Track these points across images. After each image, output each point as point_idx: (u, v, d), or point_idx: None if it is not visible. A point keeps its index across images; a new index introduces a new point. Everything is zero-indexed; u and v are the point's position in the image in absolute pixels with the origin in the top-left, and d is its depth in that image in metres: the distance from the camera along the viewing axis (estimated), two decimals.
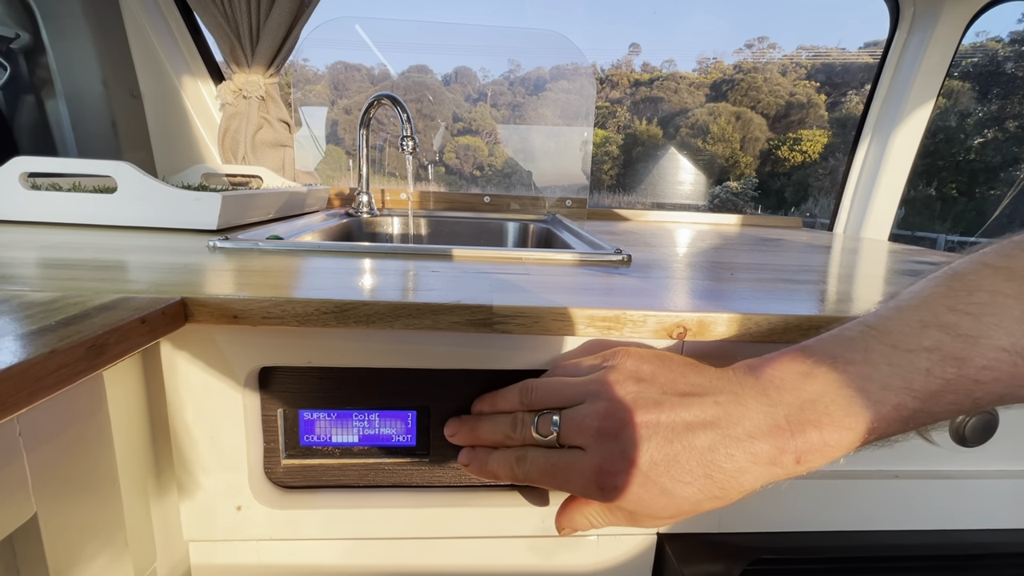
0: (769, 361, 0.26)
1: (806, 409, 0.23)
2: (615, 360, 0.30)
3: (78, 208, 0.62)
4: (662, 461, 0.25)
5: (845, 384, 0.23)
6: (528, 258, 0.52)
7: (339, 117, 1.27)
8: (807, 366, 0.24)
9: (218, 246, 0.50)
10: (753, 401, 0.25)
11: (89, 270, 0.39)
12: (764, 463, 0.24)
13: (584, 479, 0.27)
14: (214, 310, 0.32)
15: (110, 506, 0.31)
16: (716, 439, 0.24)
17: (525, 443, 0.30)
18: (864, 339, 0.24)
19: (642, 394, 0.27)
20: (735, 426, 0.24)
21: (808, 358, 0.25)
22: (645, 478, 0.25)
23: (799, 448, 0.23)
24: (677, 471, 0.25)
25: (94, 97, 0.95)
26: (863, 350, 0.23)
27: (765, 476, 0.24)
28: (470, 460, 0.34)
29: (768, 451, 0.24)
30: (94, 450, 0.30)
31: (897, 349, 0.23)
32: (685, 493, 0.25)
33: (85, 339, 0.24)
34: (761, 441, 0.24)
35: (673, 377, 0.28)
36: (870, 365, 0.23)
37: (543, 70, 1.38)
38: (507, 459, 0.31)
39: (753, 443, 0.24)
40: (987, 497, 0.43)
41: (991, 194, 9.65)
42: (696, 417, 0.25)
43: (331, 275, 0.40)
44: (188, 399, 0.36)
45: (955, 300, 0.22)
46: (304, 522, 0.38)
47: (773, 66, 22.33)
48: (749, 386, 0.25)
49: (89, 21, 0.93)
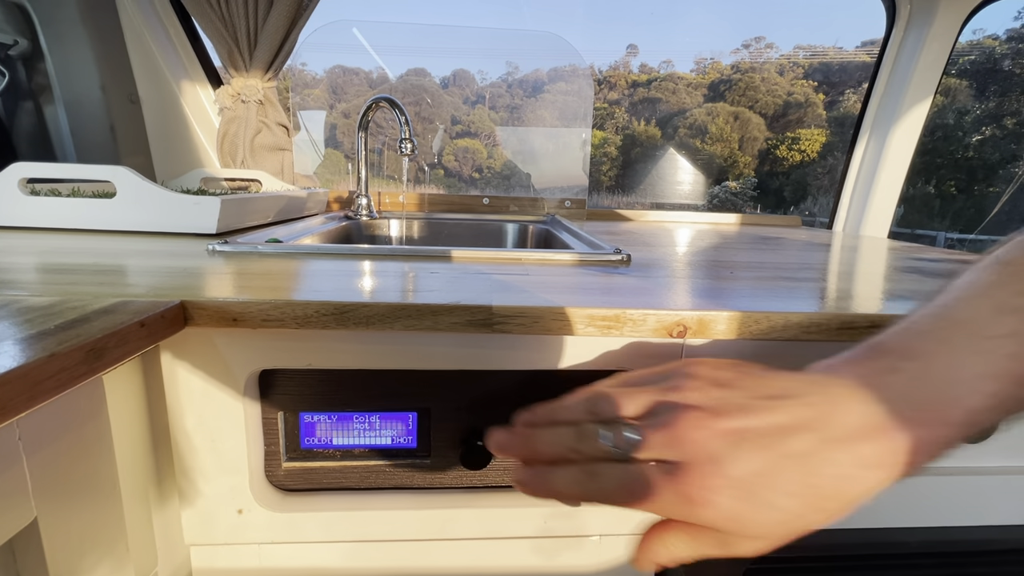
0: (848, 361, 0.25)
1: (902, 406, 0.22)
2: (689, 368, 0.27)
3: (77, 213, 0.62)
4: (760, 471, 0.22)
5: (937, 377, 0.22)
6: (527, 259, 0.52)
7: (338, 121, 1.27)
8: (890, 362, 0.23)
9: (217, 250, 0.50)
10: (846, 402, 0.23)
11: (88, 274, 0.39)
12: (871, 467, 0.22)
13: (672, 494, 0.24)
14: (214, 313, 0.32)
15: (111, 510, 0.31)
16: (814, 443, 0.22)
17: (594, 457, 0.26)
18: (939, 330, 0.23)
19: (727, 399, 0.25)
20: (833, 428, 0.22)
21: (888, 354, 0.23)
22: (743, 490, 0.22)
23: (905, 448, 0.22)
24: (777, 481, 0.22)
25: (93, 102, 0.96)
26: (943, 341, 0.22)
27: (872, 481, 0.22)
28: (529, 479, 0.28)
29: (873, 453, 0.22)
30: (94, 454, 0.30)
31: (977, 337, 0.22)
32: (789, 506, 0.22)
33: (84, 343, 0.24)
34: (863, 443, 0.22)
35: (754, 382, 0.26)
36: (955, 355, 0.22)
37: (541, 72, 1.38)
38: (576, 476, 0.26)
39: (855, 446, 0.22)
40: (989, 493, 0.43)
41: (990, 191, 9.67)
42: (789, 420, 0.23)
43: (330, 277, 0.40)
44: (188, 402, 0.36)
45: (1018, 285, 0.22)
46: (305, 525, 0.38)
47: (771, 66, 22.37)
48: (836, 386, 0.24)
49: (87, 27, 0.93)
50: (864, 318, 0.35)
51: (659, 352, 0.37)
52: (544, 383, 0.40)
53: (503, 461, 0.41)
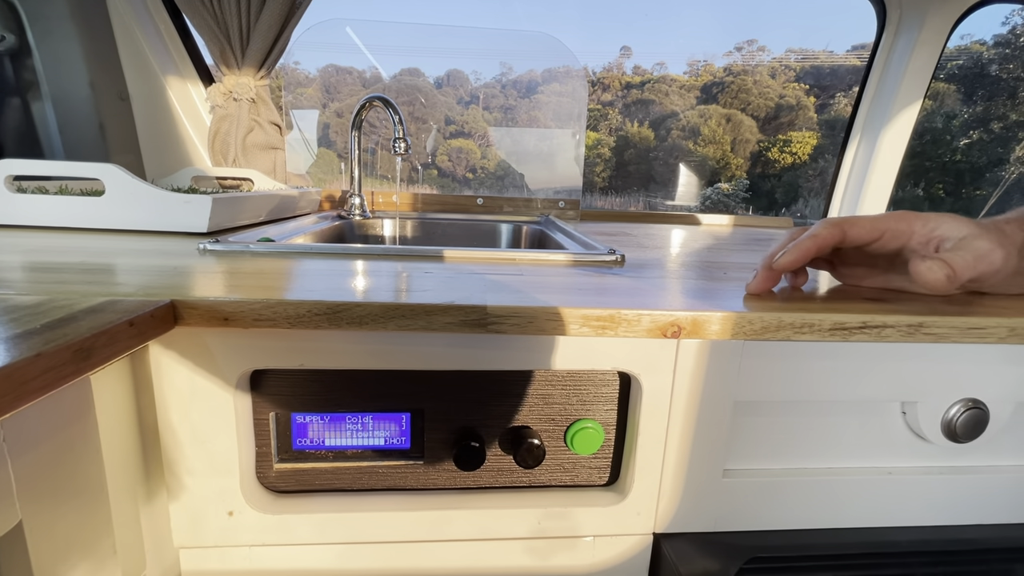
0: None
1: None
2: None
3: (65, 211, 0.61)
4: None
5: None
6: (522, 259, 0.52)
7: (331, 120, 1.26)
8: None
9: (208, 249, 0.50)
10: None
11: (76, 273, 0.38)
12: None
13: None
14: (205, 312, 0.32)
15: (98, 513, 0.31)
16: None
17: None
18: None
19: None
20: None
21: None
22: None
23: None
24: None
25: (81, 99, 0.94)
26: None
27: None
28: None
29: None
30: (81, 456, 0.29)
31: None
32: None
33: (72, 342, 0.23)
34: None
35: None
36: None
37: (535, 73, 1.38)
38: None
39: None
40: (979, 492, 0.44)
41: (977, 194, 9.81)
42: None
43: (323, 277, 0.40)
44: (178, 403, 0.35)
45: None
46: (297, 527, 0.38)
47: (763, 68, 22.54)
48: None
49: (76, 23, 0.92)
50: (856, 318, 0.36)
51: (653, 352, 0.37)
52: (538, 383, 0.39)
53: (497, 462, 0.41)
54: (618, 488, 0.42)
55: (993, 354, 0.40)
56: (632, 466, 0.40)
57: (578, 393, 0.40)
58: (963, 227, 0.37)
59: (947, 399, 0.41)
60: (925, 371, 0.40)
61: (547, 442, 0.40)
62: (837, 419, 0.42)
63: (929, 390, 0.40)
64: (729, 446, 0.41)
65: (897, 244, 0.40)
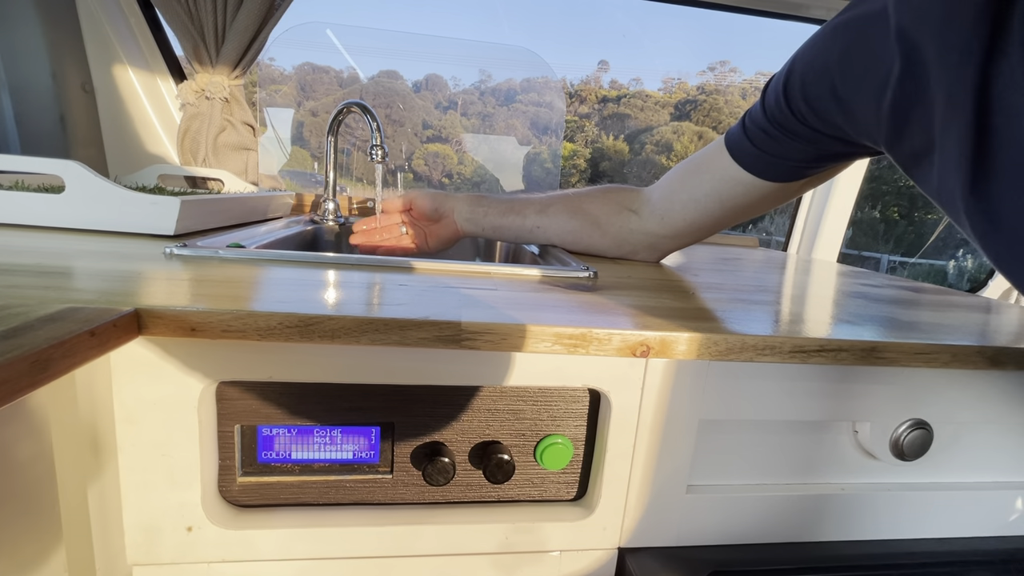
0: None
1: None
2: None
3: (20, 208, 0.58)
4: None
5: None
6: (497, 273, 0.52)
7: (305, 119, 1.24)
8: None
9: (175, 253, 0.48)
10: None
11: (32, 276, 0.36)
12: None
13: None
14: (171, 322, 0.31)
15: (47, 530, 0.29)
16: None
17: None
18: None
19: None
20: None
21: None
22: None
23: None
24: None
25: (41, 90, 0.90)
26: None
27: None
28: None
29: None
30: (32, 471, 0.28)
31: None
32: None
33: (27, 354, 0.23)
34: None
35: None
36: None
37: (514, 82, 1.40)
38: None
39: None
40: (925, 508, 0.46)
41: (928, 218, 10.34)
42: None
43: (295, 287, 0.39)
44: (139, 415, 0.34)
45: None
46: (260, 542, 0.37)
47: (734, 89, 23.31)
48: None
49: (39, 10, 0.88)
50: (813, 342, 0.37)
51: (623, 370, 0.38)
52: (509, 399, 0.40)
53: (466, 477, 0.41)
54: (585, 503, 0.42)
55: (938, 378, 0.43)
56: (600, 481, 0.40)
57: (549, 409, 0.41)
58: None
59: (895, 419, 0.43)
60: (876, 393, 0.42)
61: (517, 457, 0.41)
62: (794, 437, 0.44)
63: (879, 411, 0.43)
64: (693, 463, 0.42)
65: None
